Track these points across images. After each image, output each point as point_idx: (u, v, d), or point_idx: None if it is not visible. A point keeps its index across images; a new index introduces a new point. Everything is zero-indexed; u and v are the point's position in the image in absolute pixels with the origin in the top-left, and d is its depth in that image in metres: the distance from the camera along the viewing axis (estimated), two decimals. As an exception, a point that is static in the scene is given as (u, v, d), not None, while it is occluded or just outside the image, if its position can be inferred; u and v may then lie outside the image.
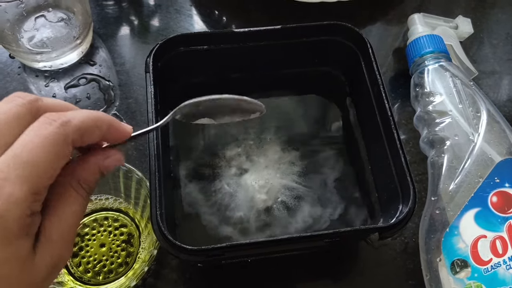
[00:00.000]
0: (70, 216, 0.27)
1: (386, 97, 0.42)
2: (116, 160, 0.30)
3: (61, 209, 0.27)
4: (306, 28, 0.47)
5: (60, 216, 0.27)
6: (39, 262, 0.26)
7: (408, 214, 0.38)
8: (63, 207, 0.27)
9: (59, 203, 0.27)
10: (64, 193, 0.28)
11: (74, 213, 0.28)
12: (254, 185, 0.46)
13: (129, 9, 0.61)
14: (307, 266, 0.46)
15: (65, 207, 0.28)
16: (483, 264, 0.41)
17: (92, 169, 0.29)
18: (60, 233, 0.27)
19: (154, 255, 0.41)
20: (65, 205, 0.28)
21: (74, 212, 0.28)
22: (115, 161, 0.30)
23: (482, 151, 0.45)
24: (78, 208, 0.28)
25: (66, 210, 0.27)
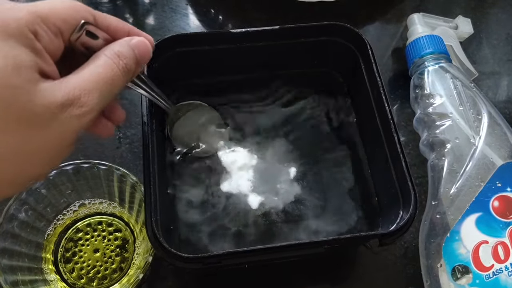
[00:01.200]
0: (96, 73, 0.27)
1: (386, 99, 0.41)
2: (143, 41, 0.31)
3: (87, 67, 0.28)
4: (305, 29, 0.46)
5: (83, 71, 0.27)
6: (45, 88, 0.25)
7: (409, 220, 0.37)
8: (88, 65, 0.28)
9: (86, 64, 0.28)
10: (94, 58, 0.29)
11: (102, 73, 0.28)
12: (252, 189, 0.45)
13: (124, 8, 0.60)
14: (306, 271, 0.45)
15: (91, 66, 0.28)
16: (485, 270, 0.40)
17: (123, 43, 0.30)
18: (78, 81, 0.27)
19: (149, 262, 0.40)
20: (91, 64, 0.28)
21: (103, 73, 0.28)
22: (142, 41, 0.31)
23: (483, 154, 0.44)
24: (108, 72, 0.28)
25: (92, 68, 0.28)
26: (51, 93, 0.25)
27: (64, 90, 0.26)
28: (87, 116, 0.26)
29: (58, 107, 0.25)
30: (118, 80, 0.29)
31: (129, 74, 0.30)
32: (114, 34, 0.31)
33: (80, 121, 0.26)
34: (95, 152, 0.50)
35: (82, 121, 0.26)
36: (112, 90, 0.28)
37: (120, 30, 0.31)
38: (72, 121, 0.26)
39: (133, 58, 0.30)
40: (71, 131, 0.26)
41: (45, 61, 0.26)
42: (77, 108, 0.26)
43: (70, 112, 0.26)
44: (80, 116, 0.26)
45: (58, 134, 0.26)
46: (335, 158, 0.47)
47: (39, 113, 0.24)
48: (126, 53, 0.29)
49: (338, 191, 0.45)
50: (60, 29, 0.27)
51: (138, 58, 0.30)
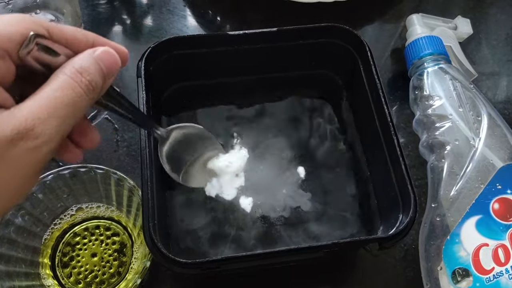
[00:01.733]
0: (53, 97, 0.24)
1: (385, 102, 0.41)
2: (107, 51, 0.27)
3: (43, 90, 0.25)
4: (303, 31, 0.45)
5: (38, 95, 0.24)
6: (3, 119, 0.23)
7: (409, 224, 0.37)
8: (45, 88, 0.25)
9: (42, 87, 0.25)
10: (51, 79, 0.25)
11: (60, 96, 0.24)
12: (251, 193, 0.44)
13: (121, 9, 0.60)
14: (305, 274, 0.45)
15: (47, 88, 0.25)
16: (485, 273, 0.40)
17: (85, 56, 0.26)
18: (32, 109, 0.24)
19: (147, 267, 0.39)
20: (47, 86, 0.25)
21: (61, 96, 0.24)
22: (106, 52, 0.27)
23: (483, 156, 0.44)
24: (69, 94, 0.25)
25: (48, 91, 0.24)
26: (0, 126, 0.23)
27: (14, 123, 0.23)
28: (44, 148, 0.24)
29: (6, 142, 0.23)
30: (82, 101, 0.25)
31: (95, 92, 0.26)
32: (76, 47, 0.27)
33: (35, 154, 0.24)
34: (92, 156, 0.49)
35: (38, 154, 0.24)
36: (74, 114, 0.25)
37: (82, 42, 0.27)
38: (26, 155, 0.23)
39: (98, 72, 0.26)
40: (27, 166, 0.24)
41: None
42: (31, 140, 0.23)
43: (22, 146, 0.23)
44: (34, 149, 0.23)
45: (13, 171, 0.24)
46: (334, 161, 0.47)
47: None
48: (89, 68, 0.26)
49: (337, 194, 0.45)
50: (7, 50, 0.24)
51: (104, 72, 0.26)
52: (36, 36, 0.25)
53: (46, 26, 0.26)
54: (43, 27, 0.25)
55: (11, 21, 0.25)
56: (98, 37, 0.28)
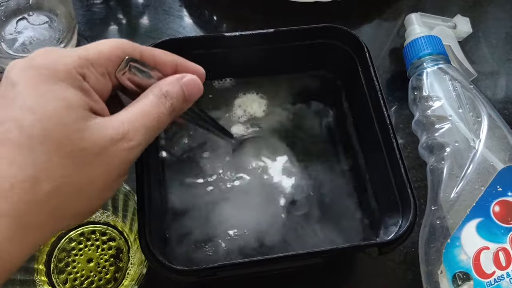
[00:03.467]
0: (143, 111, 0.29)
1: (384, 104, 0.41)
2: (193, 79, 0.32)
3: (135, 105, 0.29)
4: (300, 31, 0.45)
5: (131, 108, 0.29)
6: (96, 123, 0.27)
7: (409, 228, 0.36)
8: (137, 103, 0.30)
9: (134, 102, 0.30)
10: (142, 96, 0.30)
11: (148, 111, 0.29)
12: (248, 195, 0.44)
13: (116, 9, 0.59)
14: (304, 278, 0.44)
15: (139, 103, 0.29)
16: (486, 277, 0.39)
17: (172, 82, 0.31)
18: (127, 117, 0.28)
19: (143, 273, 0.39)
20: (139, 102, 0.30)
21: (149, 111, 0.29)
22: (192, 80, 0.32)
23: (483, 158, 0.43)
24: (155, 110, 0.29)
25: (139, 105, 0.29)
26: (102, 128, 0.27)
27: (114, 125, 0.27)
28: (135, 150, 0.28)
29: (108, 141, 0.27)
30: (164, 118, 0.30)
31: (175, 112, 0.31)
32: (162, 67, 0.32)
33: (129, 153, 0.28)
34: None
35: (130, 154, 0.28)
36: (158, 127, 0.30)
37: (168, 63, 0.33)
38: (121, 154, 0.27)
39: (181, 97, 0.31)
40: (120, 163, 0.28)
41: (93, 99, 0.28)
42: (127, 142, 0.27)
43: (120, 146, 0.27)
44: (129, 149, 0.28)
45: (108, 167, 0.27)
46: (333, 163, 0.46)
47: (89, 148, 0.26)
48: (174, 92, 0.31)
49: (335, 197, 0.44)
50: (106, 68, 0.29)
51: (186, 97, 0.32)
52: (130, 59, 0.30)
53: (140, 50, 0.31)
54: (137, 51, 0.31)
55: (111, 45, 0.30)
56: (180, 59, 0.34)
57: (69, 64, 0.27)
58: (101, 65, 0.29)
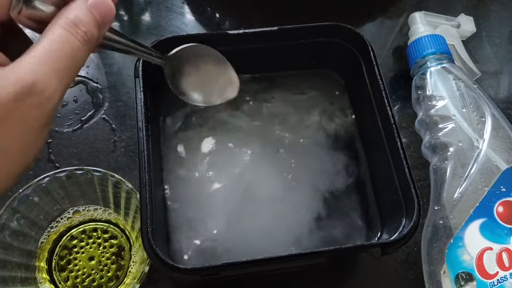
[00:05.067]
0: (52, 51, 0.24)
1: (388, 103, 0.40)
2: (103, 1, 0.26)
3: (39, 44, 0.24)
4: (304, 30, 0.44)
5: (35, 49, 0.24)
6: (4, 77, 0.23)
7: (412, 229, 0.36)
8: (41, 42, 0.24)
9: (38, 41, 0.24)
10: (46, 31, 0.24)
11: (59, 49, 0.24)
12: (249, 195, 0.44)
13: (118, 6, 0.58)
14: (306, 277, 0.44)
15: (44, 42, 0.24)
16: (489, 278, 0.39)
17: (79, 5, 0.25)
18: (32, 64, 0.23)
19: (145, 272, 0.39)
20: (44, 40, 0.24)
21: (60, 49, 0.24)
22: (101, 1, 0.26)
23: (487, 158, 0.43)
24: (66, 46, 0.24)
25: (45, 45, 0.24)
26: (0, 86, 0.22)
27: (16, 79, 0.22)
28: (51, 101, 0.24)
29: (11, 101, 0.22)
30: (80, 52, 0.25)
31: (92, 42, 0.26)
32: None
33: (41, 109, 0.23)
34: (89, 156, 0.48)
35: (44, 109, 0.23)
36: (75, 65, 0.25)
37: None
38: (32, 112, 0.23)
39: (93, 22, 0.26)
40: (34, 122, 0.24)
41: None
42: (36, 95, 0.23)
43: (27, 103, 0.23)
44: (40, 104, 0.23)
45: (20, 129, 0.23)
46: (336, 162, 0.46)
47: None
48: (84, 18, 0.25)
49: (338, 196, 0.44)
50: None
51: (99, 21, 0.26)
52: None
53: None
54: None
55: None
56: None
57: None
58: None
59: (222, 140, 0.46)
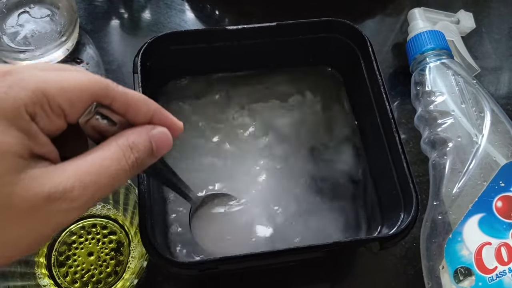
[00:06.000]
0: (99, 165, 0.24)
1: (387, 98, 0.40)
2: (164, 133, 0.27)
3: (91, 154, 0.24)
4: (303, 25, 0.44)
5: (86, 158, 0.24)
6: (33, 176, 0.22)
7: (411, 223, 0.36)
8: (94, 152, 0.25)
9: (92, 150, 0.25)
10: (103, 145, 0.25)
11: (106, 165, 0.24)
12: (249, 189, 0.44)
13: (118, 3, 0.59)
14: (305, 273, 0.44)
15: (97, 153, 0.25)
16: (488, 273, 0.39)
17: (140, 133, 0.26)
18: (76, 170, 0.23)
19: (144, 267, 0.39)
20: (97, 152, 0.25)
21: (107, 166, 0.24)
22: (163, 133, 0.27)
23: (486, 153, 0.43)
24: (114, 165, 0.24)
25: (96, 157, 0.24)
26: (38, 182, 0.22)
27: (55, 181, 0.23)
28: (75, 213, 0.23)
29: (42, 199, 0.22)
30: (123, 174, 0.25)
31: (138, 169, 0.26)
32: (134, 116, 0.27)
33: (65, 216, 0.23)
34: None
35: (67, 217, 0.23)
36: (112, 185, 0.25)
37: (142, 114, 0.27)
38: (56, 216, 0.23)
39: (148, 151, 0.26)
40: (54, 226, 0.23)
41: (38, 142, 0.23)
42: (67, 202, 0.23)
43: (55, 207, 0.22)
44: (67, 211, 0.23)
45: (37, 228, 0.23)
46: (334, 157, 0.46)
47: (18, 205, 0.22)
48: (141, 145, 0.26)
49: (337, 191, 0.44)
50: (64, 110, 0.24)
51: (154, 152, 0.27)
52: (97, 106, 0.25)
53: (113, 94, 0.25)
54: (109, 95, 0.25)
55: (78, 83, 0.24)
56: (159, 109, 0.28)
57: (21, 100, 0.22)
58: (60, 106, 0.24)
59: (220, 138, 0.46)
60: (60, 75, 0.24)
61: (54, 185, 0.22)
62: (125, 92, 0.26)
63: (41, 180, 0.22)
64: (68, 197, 0.23)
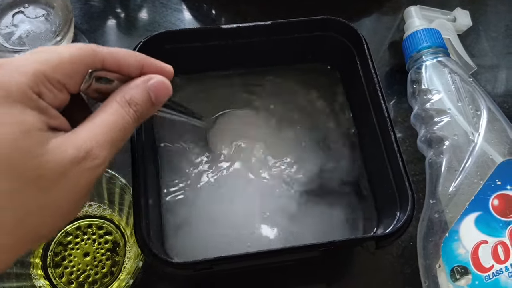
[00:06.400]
0: (107, 124, 0.27)
1: (382, 96, 0.40)
2: (161, 81, 0.30)
3: (98, 116, 0.27)
4: (298, 24, 0.44)
5: (94, 120, 0.27)
6: (55, 145, 0.25)
7: (406, 222, 0.36)
8: (99, 114, 0.27)
9: (97, 112, 0.28)
10: (105, 105, 0.28)
11: (112, 122, 0.27)
12: (246, 188, 0.43)
13: (114, 3, 0.58)
14: (301, 272, 0.44)
15: (102, 114, 0.27)
16: (484, 271, 0.39)
17: (137, 86, 0.29)
18: (89, 132, 0.26)
19: (139, 267, 0.39)
20: (102, 113, 0.27)
21: (113, 122, 0.27)
22: (160, 82, 0.29)
23: (482, 151, 0.43)
24: (119, 121, 0.27)
25: (103, 117, 0.27)
26: (62, 149, 0.25)
27: (75, 145, 0.25)
28: (100, 168, 0.26)
29: (69, 162, 0.25)
30: (129, 127, 0.28)
31: (141, 118, 0.29)
32: (126, 70, 0.29)
33: (93, 173, 0.26)
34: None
35: (94, 173, 0.26)
36: (123, 138, 0.28)
37: (133, 65, 0.30)
38: (85, 174, 0.26)
39: (146, 102, 0.29)
40: (84, 184, 0.26)
41: (52, 117, 0.26)
42: (90, 161, 0.26)
43: (82, 166, 0.25)
44: (92, 168, 0.26)
45: (71, 188, 0.25)
46: (330, 156, 0.46)
47: (49, 174, 0.24)
48: (138, 98, 0.29)
49: (333, 190, 0.44)
50: (64, 85, 0.27)
51: (153, 101, 0.29)
52: (94, 71, 0.27)
53: (101, 56, 0.28)
54: (99, 58, 0.28)
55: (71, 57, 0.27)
56: (146, 58, 0.30)
57: (23, 83, 0.25)
58: (59, 81, 0.27)
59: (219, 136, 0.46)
60: (50, 55, 0.27)
61: (76, 148, 0.25)
62: (111, 50, 0.29)
63: (63, 147, 0.25)
64: (90, 156, 0.25)
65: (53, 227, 0.27)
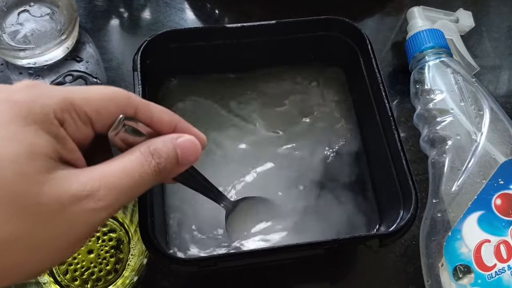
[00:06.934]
0: (122, 168, 0.25)
1: (386, 96, 0.40)
2: (191, 141, 0.28)
3: (116, 160, 0.26)
4: (302, 23, 0.44)
5: (110, 162, 0.25)
6: (60, 176, 0.23)
7: (410, 220, 0.36)
8: (118, 158, 0.26)
9: (117, 157, 0.26)
10: (127, 152, 0.26)
11: (129, 168, 0.25)
12: (250, 187, 0.44)
13: (118, 2, 0.59)
14: (305, 270, 0.44)
15: (120, 158, 0.26)
16: (487, 270, 0.39)
17: (165, 140, 0.27)
18: (101, 173, 0.24)
19: (144, 263, 0.39)
20: (121, 157, 0.26)
21: (130, 168, 0.25)
22: (189, 141, 0.28)
23: (485, 151, 0.43)
24: (137, 168, 0.25)
25: (120, 161, 0.25)
26: (66, 182, 0.23)
27: (82, 181, 0.24)
28: (103, 212, 0.24)
29: (69, 198, 0.23)
30: (147, 179, 0.26)
31: (163, 174, 0.27)
32: (159, 127, 0.28)
33: (93, 216, 0.24)
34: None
35: (96, 217, 0.24)
36: (137, 189, 0.26)
37: (166, 124, 0.28)
38: (84, 215, 0.23)
39: (172, 158, 0.27)
40: (82, 226, 0.24)
41: (67, 148, 0.25)
42: (93, 201, 0.23)
43: (83, 205, 0.23)
44: (94, 210, 0.24)
45: (66, 227, 0.23)
46: (333, 156, 0.46)
47: (47, 203, 0.22)
48: (164, 151, 0.27)
49: (336, 189, 0.44)
50: (91, 119, 0.26)
51: (180, 160, 0.28)
52: (125, 118, 0.26)
53: (135, 103, 0.27)
54: (132, 105, 0.27)
55: (103, 95, 0.26)
56: (181, 119, 0.29)
57: (49, 106, 0.24)
58: (86, 114, 0.25)
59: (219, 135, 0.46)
60: (84, 88, 0.26)
61: (81, 185, 0.23)
62: (147, 102, 0.28)
63: (68, 181, 0.23)
64: (94, 196, 0.24)
65: (37, 266, 0.24)
